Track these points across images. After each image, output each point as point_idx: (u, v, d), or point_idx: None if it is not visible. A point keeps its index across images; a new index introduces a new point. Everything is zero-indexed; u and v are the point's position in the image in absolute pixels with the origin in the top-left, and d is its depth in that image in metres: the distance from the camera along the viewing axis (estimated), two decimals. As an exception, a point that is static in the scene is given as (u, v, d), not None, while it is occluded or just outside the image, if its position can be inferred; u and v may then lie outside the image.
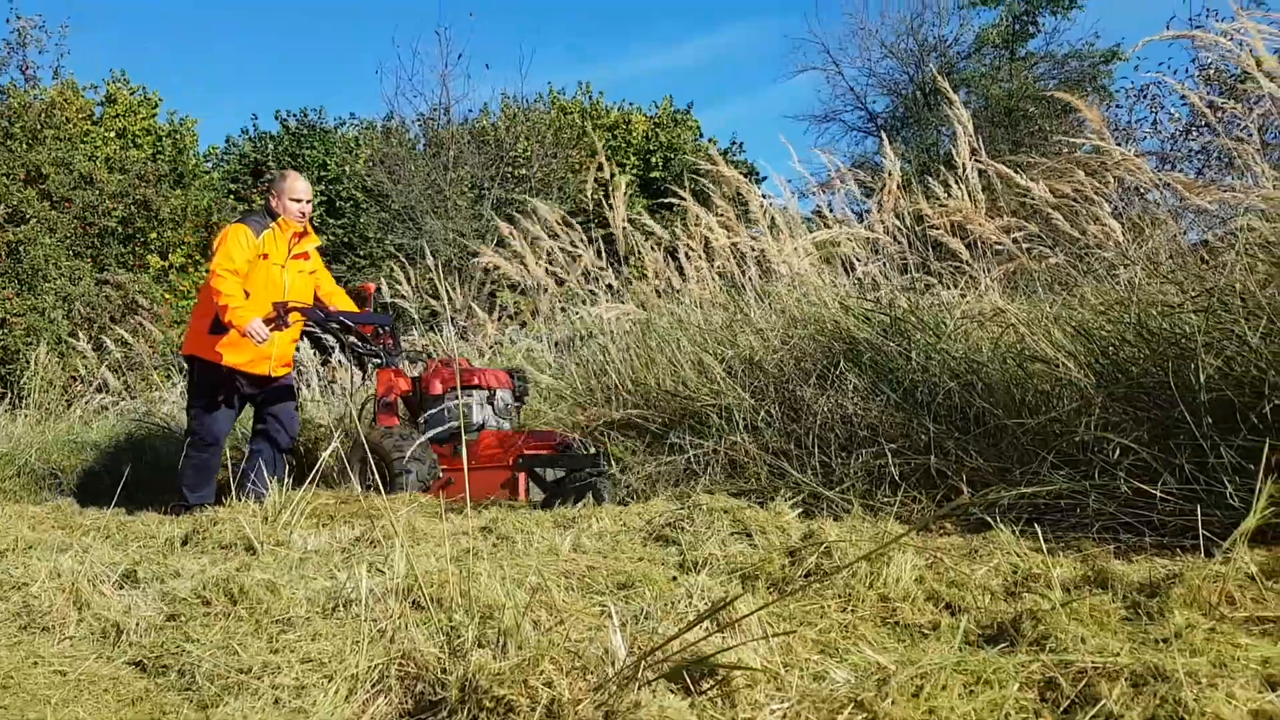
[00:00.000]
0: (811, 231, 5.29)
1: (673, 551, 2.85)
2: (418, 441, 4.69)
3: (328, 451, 3.56)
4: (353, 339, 5.23)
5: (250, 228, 4.98)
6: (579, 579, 2.47)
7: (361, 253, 18.30)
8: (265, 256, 4.99)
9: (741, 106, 42.21)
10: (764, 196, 5.58)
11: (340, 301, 5.41)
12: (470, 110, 20.44)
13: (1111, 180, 3.97)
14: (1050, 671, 1.52)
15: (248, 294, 4.90)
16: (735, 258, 5.40)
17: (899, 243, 4.79)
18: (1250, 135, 3.77)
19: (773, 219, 5.31)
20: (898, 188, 4.77)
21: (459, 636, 1.83)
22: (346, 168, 20.61)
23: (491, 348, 7.27)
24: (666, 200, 5.96)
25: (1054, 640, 1.71)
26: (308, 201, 5.15)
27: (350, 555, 2.88)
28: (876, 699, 1.47)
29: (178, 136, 20.64)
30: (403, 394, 5.13)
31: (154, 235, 16.07)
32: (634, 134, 23.16)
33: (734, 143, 25.29)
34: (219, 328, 4.90)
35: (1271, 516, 2.20)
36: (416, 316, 8.27)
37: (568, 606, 2.08)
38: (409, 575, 2.21)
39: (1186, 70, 13.74)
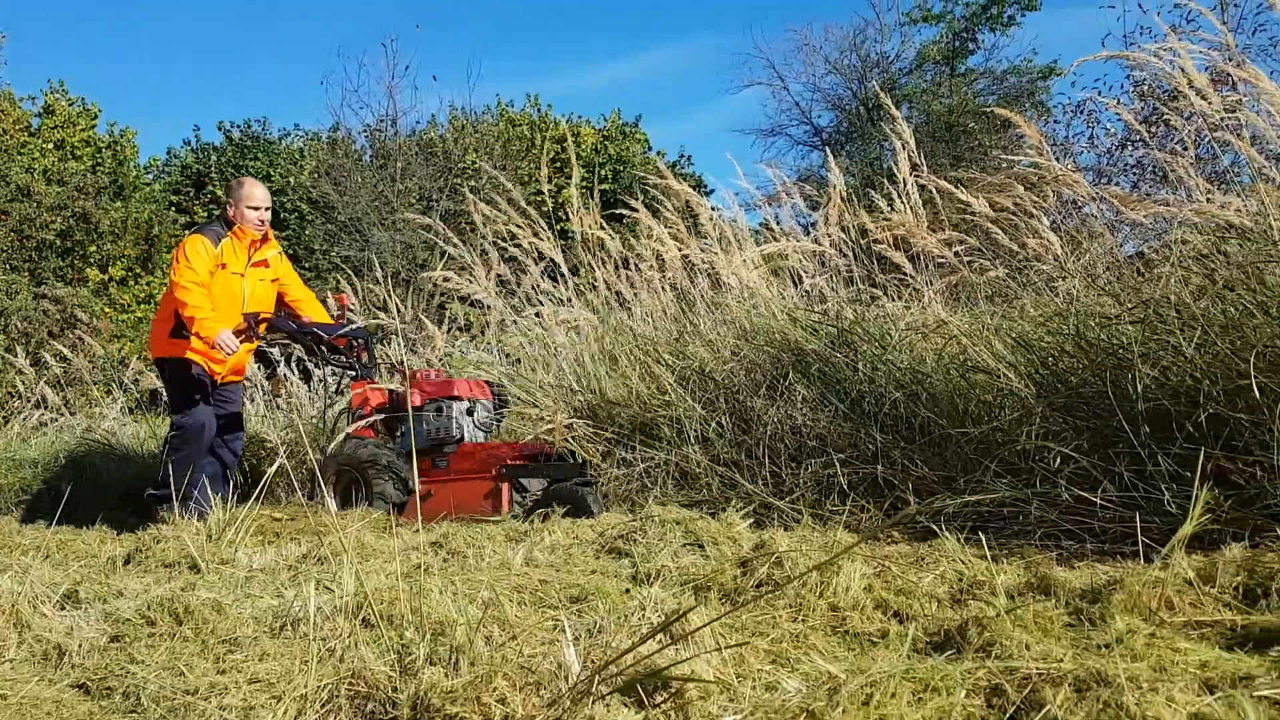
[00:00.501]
0: (759, 244, 5.34)
1: (625, 564, 2.86)
2: (396, 455, 4.64)
3: (273, 467, 3.51)
4: (325, 350, 5.16)
5: (207, 238, 4.90)
6: (531, 593, 2.47)
7: (307, 265, 18.07)
8: (224, 266, 4.92)
9: (689, 120, 42.51)
10: (713, 209, 5.61)
11: (310, 308, 5.34)
12: (418, 122, 20.36)
13: (1050, 194, 4.06)
14: (996, 678, 1.55)
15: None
16: (685, 269, 5.43)
17: (844, 255, 4.85)
18: (1184, 150, 3.87)
19: (721, 231, 5.34)
20: (842, 201, 4.83)
21: (410, 654, 1.81)
22: (291, 179, 20.37)
23: (441, 360, 7.22)
24: (617, 212, 5.96)
25: (999, 647, 1.74)
26: (266, 209, 5.08)
27: (298, 573, 2.85)
28: (828, 708, 1.48)
29: (118, 148, 20.31)
30: (378, 406, 5.07)
31: (93, 248, 15.76)
32: (583, 146, 23.20)
33: (682, 155, 25.42)
34: (180, 332, 4.84)
35: (1208, 523, 2.26)
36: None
37: (520, 621, 2.08)
38: (358, 592, 2.19)
39: (1121, 86, 14.09)
